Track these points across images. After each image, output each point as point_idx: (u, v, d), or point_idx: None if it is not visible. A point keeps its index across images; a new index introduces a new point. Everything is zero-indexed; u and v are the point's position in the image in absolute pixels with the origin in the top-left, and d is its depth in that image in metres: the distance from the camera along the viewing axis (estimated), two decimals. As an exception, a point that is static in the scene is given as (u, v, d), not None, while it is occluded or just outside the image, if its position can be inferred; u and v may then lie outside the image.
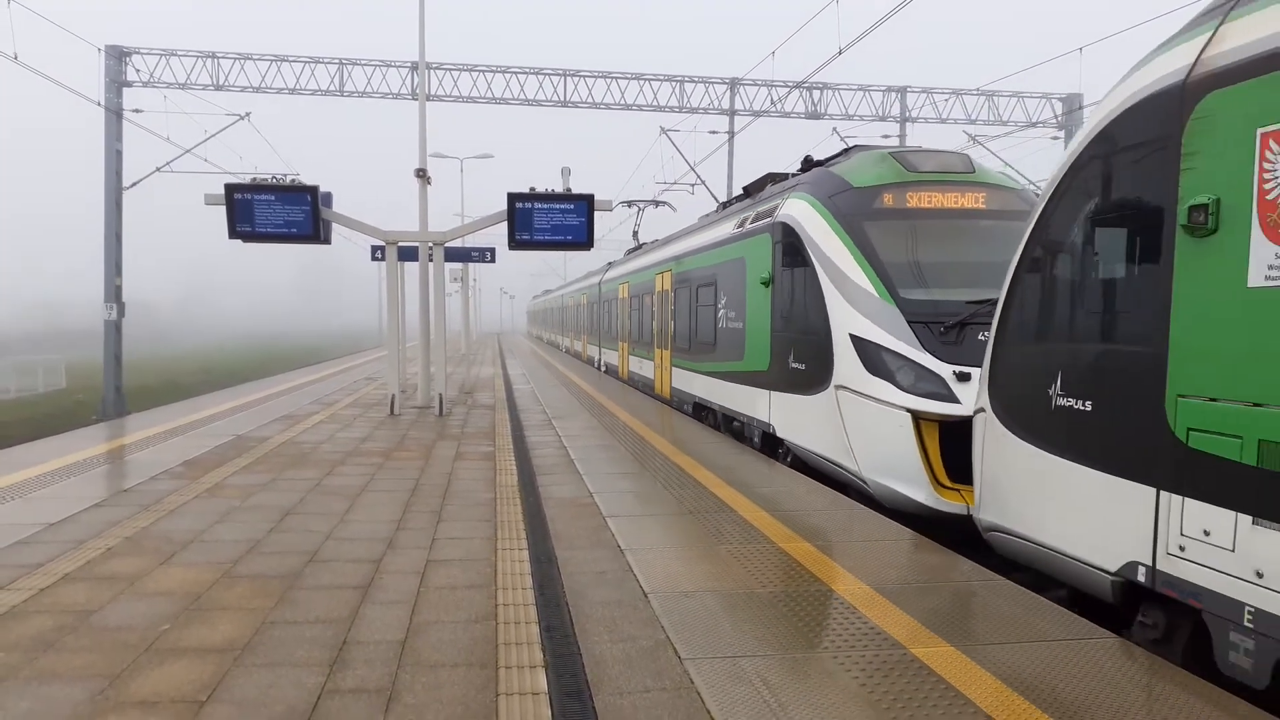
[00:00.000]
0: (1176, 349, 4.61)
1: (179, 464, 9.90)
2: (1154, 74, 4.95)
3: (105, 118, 25.25)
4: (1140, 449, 4.86)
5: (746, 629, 4.79)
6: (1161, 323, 4.69)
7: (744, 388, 12.90)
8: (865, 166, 10.60)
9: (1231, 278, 4.29)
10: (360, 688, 4.04)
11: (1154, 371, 4.74)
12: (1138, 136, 5.04)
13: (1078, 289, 5.67)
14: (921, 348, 8.77)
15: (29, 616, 4.93)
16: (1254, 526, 4.14)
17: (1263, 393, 4.08)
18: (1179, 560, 4.61)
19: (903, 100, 30.80)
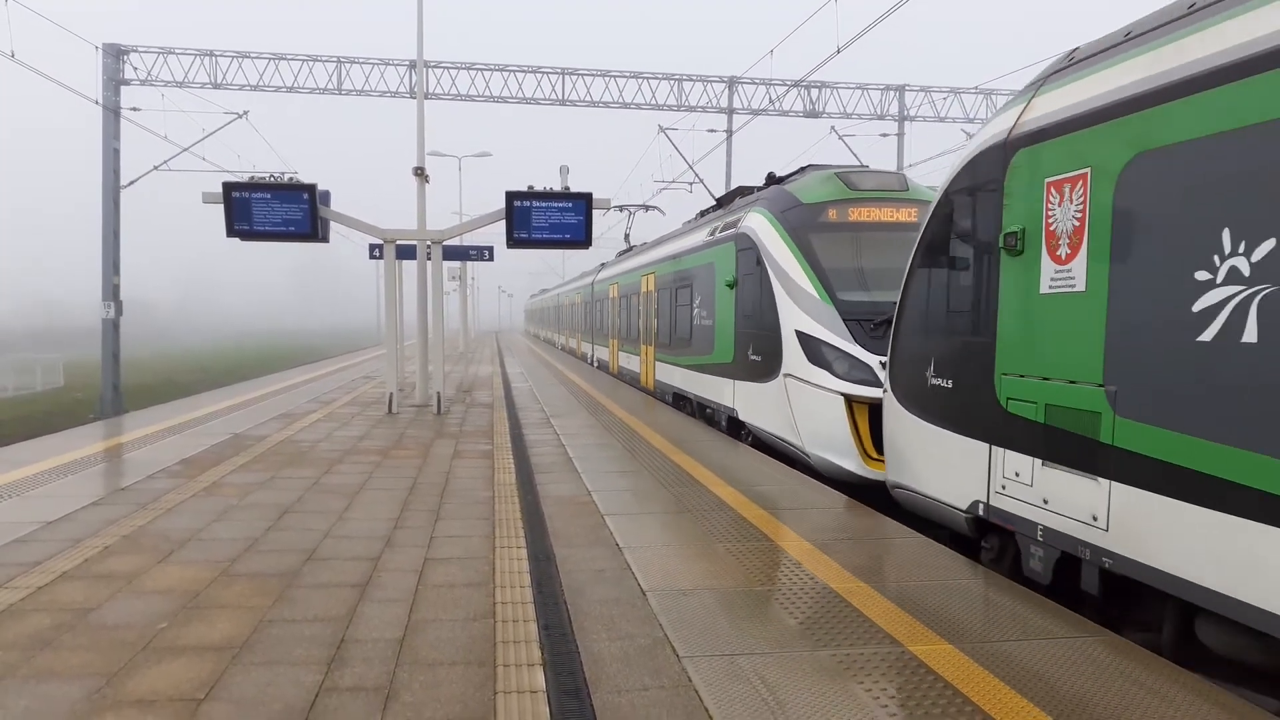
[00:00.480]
0: (1001, 339, 6.23)
1: (177, 462, 9.89)
2: (992, 130, 6.52)
3: (103, 116, 25.20)
4: (980, 415, 6.46)
5: (744, 627, 4.79)
6: (992, 320, 6.34)
7: (713, 378, 14.52)
8: (814, 185, 12.14)
9: (1031, 287, 5.91)
10: (358, 686, 4.03)
11: (988, 356, 6.35)
12: (981, 178, 6.55)
13: (943, 293, 7.17)
14: (854, 341, 10.29)
15: (27, 615, 4.93)
16: (1043, 467, 5.74)
17: (1049, 369, 5.70)
18: (1002, 496, 6.22)
19: (901, 99, 30.81)
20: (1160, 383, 4.82)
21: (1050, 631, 4.77)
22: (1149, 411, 4.88)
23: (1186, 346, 4.64)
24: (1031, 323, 5.92)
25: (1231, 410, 4.36)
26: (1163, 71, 4.91)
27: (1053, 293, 5.70)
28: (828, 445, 10.26)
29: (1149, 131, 4.98)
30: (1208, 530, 4.47)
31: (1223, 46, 4.56)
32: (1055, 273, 5.70)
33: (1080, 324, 5.46)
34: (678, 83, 30.04)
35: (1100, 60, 5.56)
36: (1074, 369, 5.48)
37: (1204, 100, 4.61)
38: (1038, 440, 5.78)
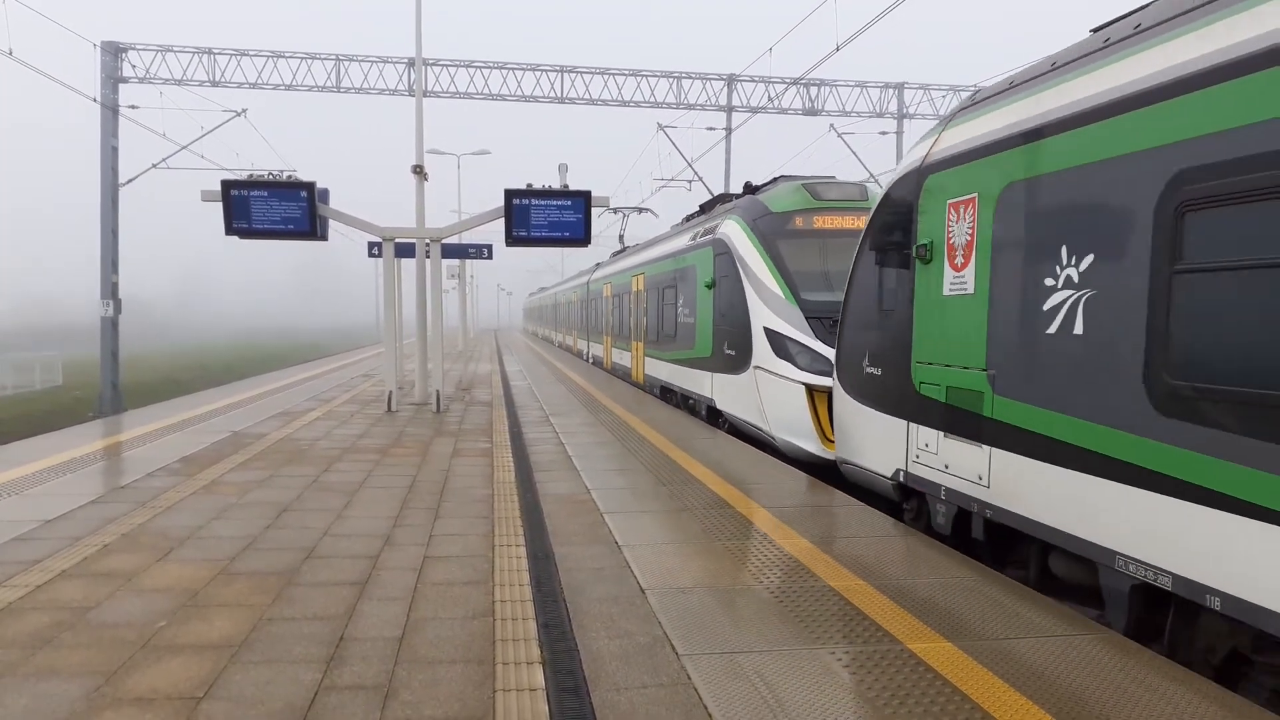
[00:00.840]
0: (915, 333, 7.43)
1: (176, 460, 9.89)
2: (912, 157, 7.78)
3: (101, 114, 25.19)
4: (900, 397, 7.66)
5: (743, 625, 4.80)
6: (909, 317, 7.54)
7: (695, 371, 15.87)
8: (783, 194, 13.39)
9: (937, 289, 7.11)
10: (357, 684, 4.04)
11: (906, 347, 7.54)
12: (902, 198, 7.76)
13: (875, 295, 8.35)
14: (815, 336, 11.50)
15: (26, 613, 4.93)
16: (945, 438, 6.94)
17: (949, 358, 6.90)
18: (916, 464, 7.42)
19: (900, 97, 30.81)
20: (1022, 367, 6.03)
21: (1047, 629, 4.78)
22: (1015, 390, 6.09)
23: (1040, 338, 5.84)
24: (936, 319, 7.19)
25: (1068, 387, 5.54)
26: (1023, 119, 6.13)
27: (951, 294, 6.97)
28: (791, 429, 11.54)
29: (1013, 166, 6.21)
30: (1055, 482, 5.66)
31: (1061, 103, 5.73)
32: (953, 278, 6.98)
33: (970, 320, 6.67)
34: (677, 80, 30.03)
35: (987, 105, 6.77)
36: (966, 357, 6.71)
37: (1047, 144, 5.84)
38: (941, 416, 7.04)
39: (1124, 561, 5.08)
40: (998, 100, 6.62)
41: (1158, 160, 4.87)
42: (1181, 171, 4.67)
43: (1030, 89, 6.21)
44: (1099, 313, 5.30)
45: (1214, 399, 4.45)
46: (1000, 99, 6.60)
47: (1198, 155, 4.58)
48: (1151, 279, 4.88)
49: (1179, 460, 4.66)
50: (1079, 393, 5.43)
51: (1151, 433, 4.85)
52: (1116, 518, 5.13)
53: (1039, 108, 5.99)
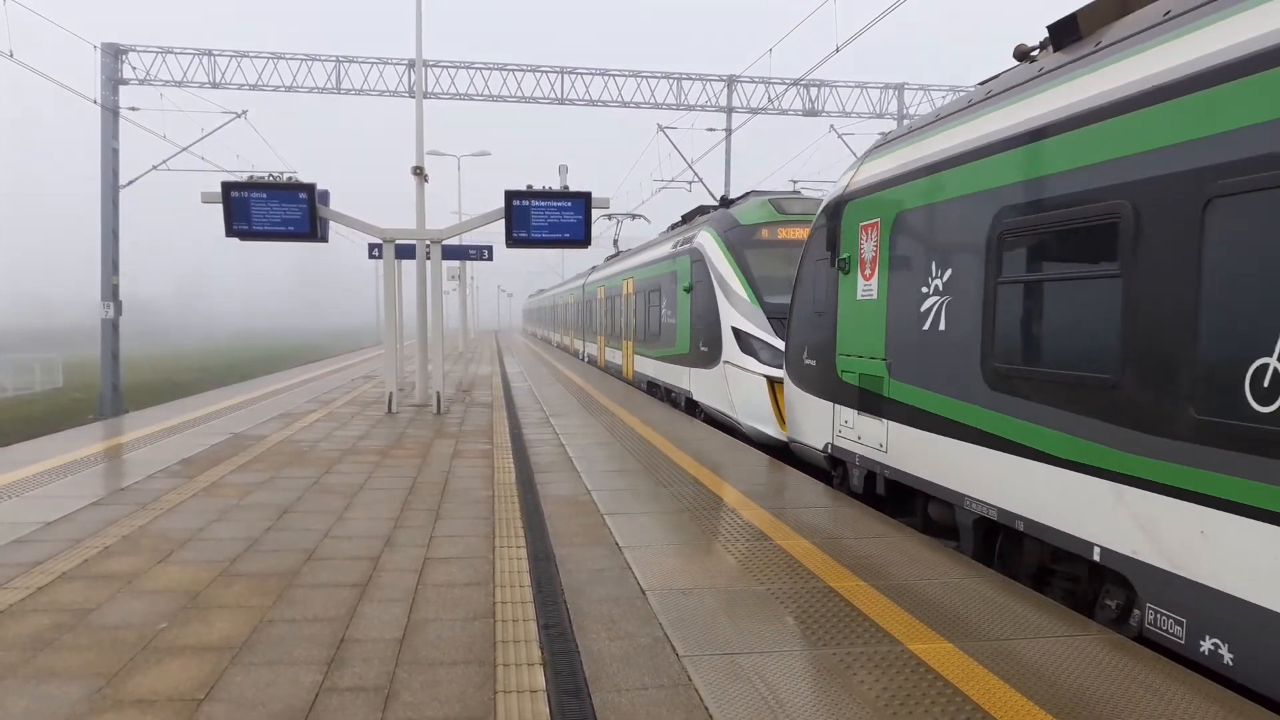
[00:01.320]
0: (839, 331, 9.07)
1: (176, 462, 9.89)
2: (837, 187, 9.51)
3: (101, 116, 25.20)
4: (829, 383, 9.29)
5: (744, 626, 4.80)
6: (834, 318, 9.18)
7: (675, 366, 17.67)
8: (751, 208, 15.08)
9: (853, 295, 8.75)
10: (358, 686, 4.04)
11: (833, 342, 9.20)
12: (830, 219, 9.42)
13: (810, 299, 9.98)
14: (775, 335, 12.91)
15: (26, 615, 4.93)
16: (858, 415, 8.60)
17: (861, 350, 8.53)
18: (839, 438, 9.09)
19: (900, 97, 30.81)
20: (908, 356, 7.63)
21: (1048, 629, 4.78)
22: (903, 375, 7.70)
23: (919, 333, 7.41)
24: (853, 319, 8.78)
25: (935, 371, 7.14)
26: (909, 162, 7.80)
27: (863, 299, 8.60)
28: (754, 416, 13.17)
29: (902, 198, 7.87)
30: (929, 446, 7.25)
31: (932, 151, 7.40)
32: (864, 286, 8.58)
33: (875, 320, 8.28)
34: (677, 81, 30.04)
35: (887, 148, 8.52)
36: (872, 349, 8.31)
37: (923, 183, 7.48)
38: (856, 398, 8.68)
39: (970, 502, 6.65)
40: (894, 144, 8.36)
41: (987, 200, 6.48)
42: (1001, 208, 6.28)
43: (915, 138, 7.89)
44: (954, 314, 6.92)
45: (1020, 377, 6.03)
46: (896, 143, 8.34)
47: (1009, 197, 6.22)
48: (984, 289, 6.46)
49: (1001, 423, 6.23)
50: (942, 375, 7.07)
51: (985, 403, 6.42)
52: (964, 469, 6.73)
53: (919, 153, 7.66)
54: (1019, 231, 6.11)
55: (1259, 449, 4.15)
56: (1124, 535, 5.09)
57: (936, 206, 7.27)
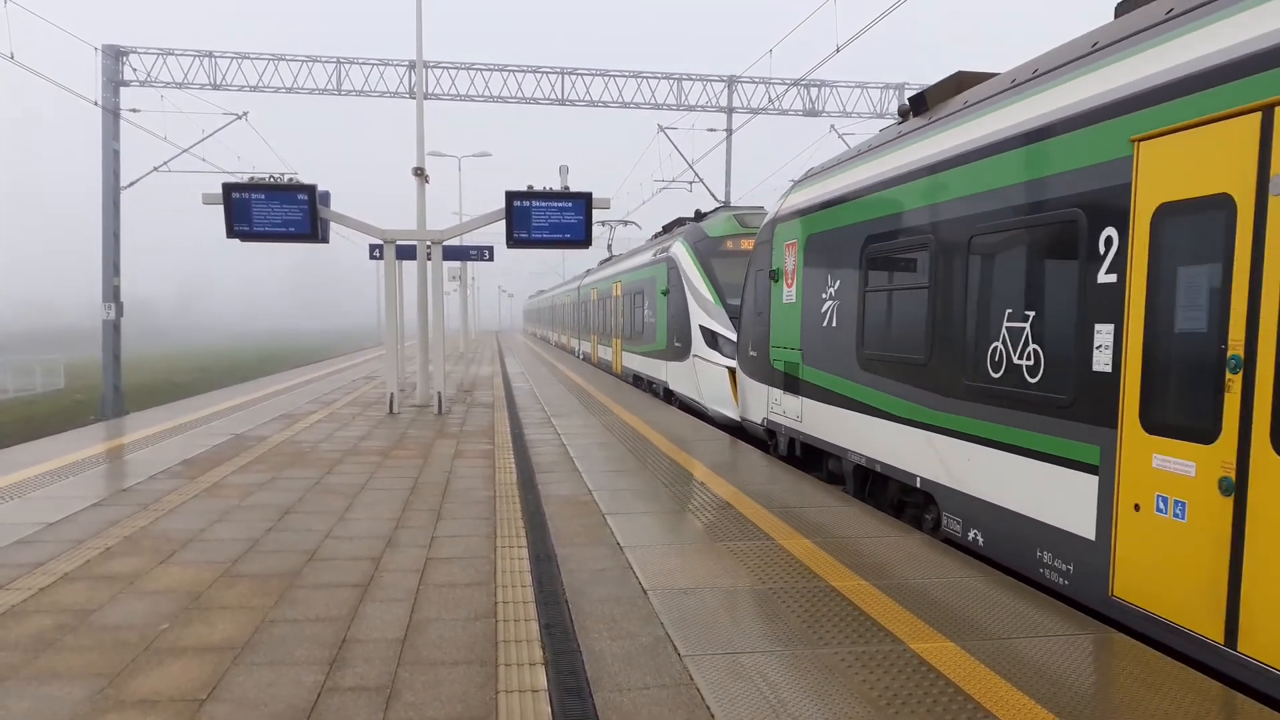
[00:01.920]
0: (772, 328, 10.99)
1: (178, 463, 9.90)
2: (774, 209, 11.43)
3: (102, 117, 25.20)
4: (765, 371, 11.29)
5: (746, 625, 4.80)
6: (769, 318, 11.04)
7: (655, 360, 20.09)
8: (718, 222, 17.39)
9: (781, 299, 10.63)
10: (360, 686, 4.04)
11: (768, 338, 11.15)
12: (767, 236, 11.41)
13: (754, 302, 12.03)
14: (736, 332, 14.09)
15: (28, 616, 4.93)
16: (783, 395, 10.52)
17: (786, 343, 10.44)
18: (771, 414, 11.10)
19: (900, 97, 30.76)
20: (814, 347, 9.75)
21: (1051, 628, 4.78)
22: (811, 361, 9.81)
23: (820, 329, 9.55)
24: (781, 319, 10.80)
25: (831, 358, 9.24)
26: (816, 196, 9.91)
27: (787, 303, 10.61)
28: (717, 400, 15.34)
29: (811, 225, 9.94)
30: (826, 415, 9.39)
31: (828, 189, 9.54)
32: (787, 293, 10.60)
33: (794, 319, 10.38)
34: (677, 82, 30.03)
35: (804, 183, 10.63)
36: (792, 342, 10.41)
37: (823, 214, 9.59)
38: (783, 381, 10.75)
39: (851, 454, 8.77)
40: (809, 181, 10.49)
41: (859, 230, 8.64)
42: (867, 236, 8.46)
43: (821, 177, 10.05)
44: (841, 314, 9.05)
45: (878, 360, 8.19)
46: (810, 180, 10.44)
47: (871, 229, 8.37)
48: (858, 296, 8.64)
49: (868, 394, 8.37)
50: (835, 360, 9.17)
51: (859, 380, 8.59)
52: (847, 431, 8.87)
53: (822, 190, 9.81)
54: (876, 255, 8.33)
55: (994, 401, 6.30)
56: (931, 467, 7.19)
57: (831, 232, 9.44)
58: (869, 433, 8.35)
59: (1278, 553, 4.09)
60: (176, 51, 27.10)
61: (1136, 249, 5.06)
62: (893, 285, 8.04)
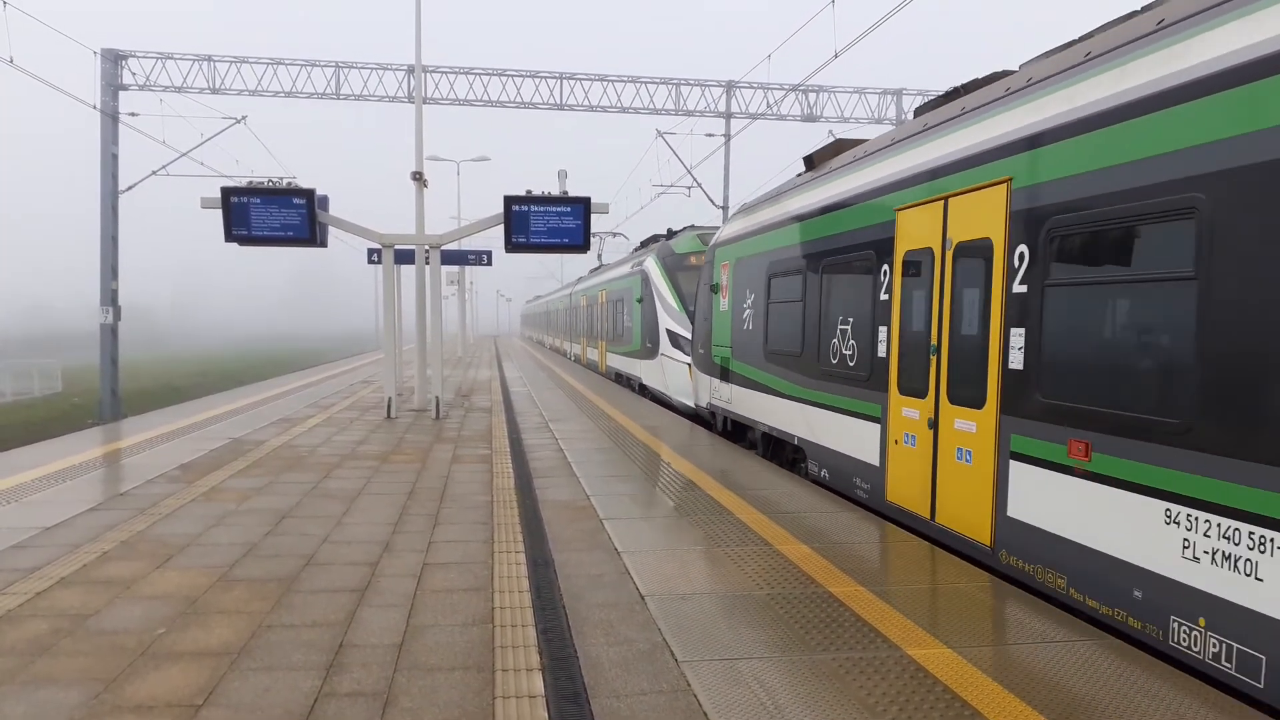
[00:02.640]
0: (714, 331, 13.74)
1: (175, 468, 9.89)
2: (714, 238, 14.63)
3: (101, 121, 25.21)
4: (709, 365, 14.01)
5: (743, 631, 4.80)
6: (711, 323, 13.87)
7: (632, 359, 23.17)
8: (684, 240, 20.32)
9: (719, 308, 13.52)
10: (357, 691, 4.03)
11: (710, 338, 14.01)
12: (710, 256, 14.24)
13: (703, 310, 14.59)
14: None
15: (24, 620, 4.92)
16: (719, 382, 13.49)
17: (721, 343, 13.35)
18: (712, 399, 14.00)
19: (898, 103, 30.84)
20: (740, 346, 12.22)
21: (1047, 635, 4.78)
22: (739, 356, 12.25)
23: (743, 331, 11.96)
24: (719, 324, 13.46)
25: (749, 353, 11.73)
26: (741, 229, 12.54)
27: (722, 311, 13.23)
28: (680, 391, 17.97)
29: (738, 251, 12.49)
30: (747, 398, 11.88)
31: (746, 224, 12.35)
32: (723, 304, 13.20)
33: (727, 324, 12.97)
34: (676, 88, 30.08)
35: (737, 216, 13.45)
36: (725, 342, 13.04)
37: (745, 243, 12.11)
38: (719, 373, 13.34)
39: (761, 425, 11.41)
40: (738, 214, 13.48)
41: (765, 257, 11.26)
42: (770, 263, 11.05)
43: (744, 213, 12.95)
44: (755, 320, 11.63)
45: (776, 354, 10.73)
46: (739, 214, 13.49)
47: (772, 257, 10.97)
48: (765, 307, 11.16)
49: (771, 380, 10.92)
50: (751, 355, 11.78)
51: (765, 370, 11.14)
52: (759, 408, 11.49)
53: (744, 224, 12.62)
54: (773, 275, 11.01)
55: (833, 380, 9.05)
56: (802, 429, 10.00)
57: (748, 257, 12.12)
58: (770, 408, 11.11)
59: (952, 463, 6.75)
60: (176, 56, 27.14)
61: (895, 278, 7.75)
62: (783, 299, 10.59)
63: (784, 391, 10.44)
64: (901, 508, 7.54)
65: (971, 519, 6.48)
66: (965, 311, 6.67)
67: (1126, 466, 4.94)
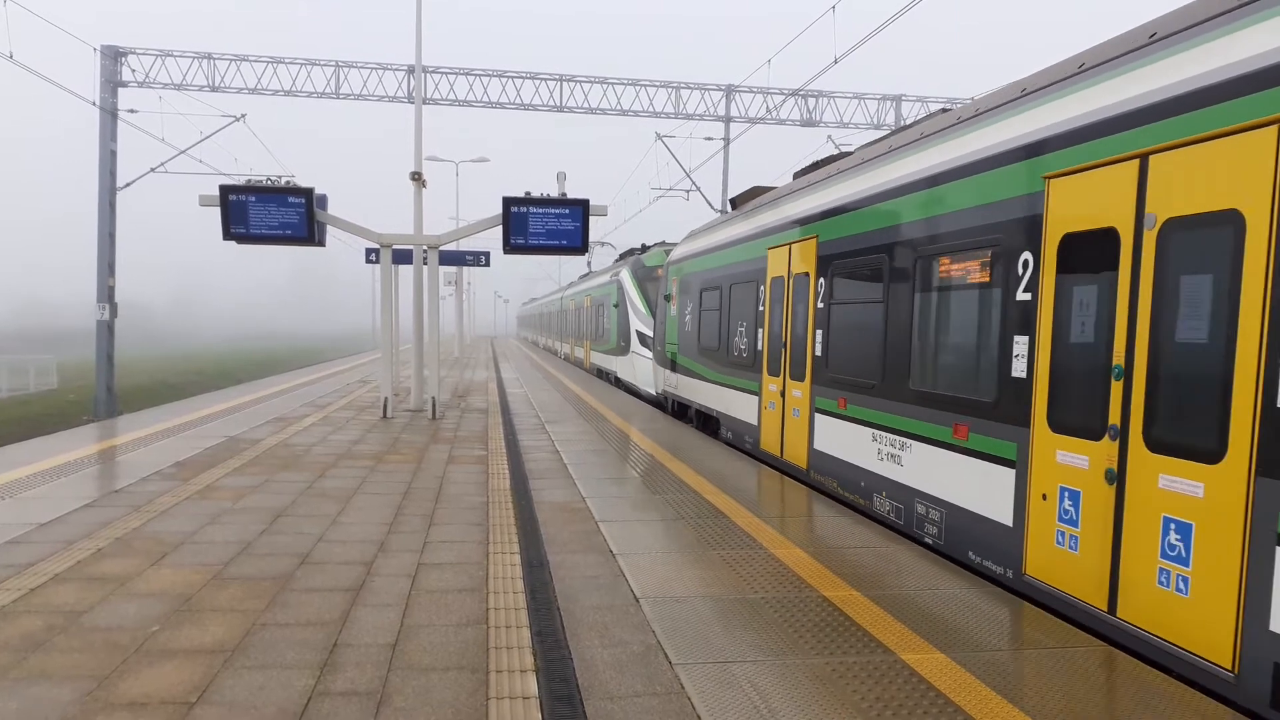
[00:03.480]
0: (666, 332, 17.91)
1: (170, 465, 9.88)
2: (669, 256, 18.29)
3: (100, 118, 25.18)
4: (663, 359, 18.26)
5: (737, 634, 4.80)
6: (665, 325, 18.07)
7: (610, 356, 27.16)
8: (653, 254, 24.09)
9: (670, 313, 17.48)
10: (350, 690, 4.03)
11: (665, 338, 18.07)
12: (665, 271, 18.47)
13: (661, 315, 18.55)
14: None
15: (18, 616, 4.92)
16: (669, 373, 17.50)
17: (671, 340, 17.27)
18: (665, 385, 18.14)
19: (897, 109, 30.90)
20: (684, 343, 15.98)
21: (1041, 641, 4.79)
22: (683, 351, 16.03)
23: (686, 331, 15.77)
24: (671, 325, 16.96)
25: (689, 349, 15.65)
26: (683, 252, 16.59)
27: (672, 316, 16.98)
28: (645, 382, 21.55)
29: (680, 269, 16.52)
30: (687, 384, 15.84)
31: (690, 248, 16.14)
32: (672, 309, 16.95)
33: (674, 326, 16.66)
34: (675, 91, 30.11)
35: (686, 241, 16.89)
36: (674, 340, 16.69)
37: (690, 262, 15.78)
38: (670, 364, 17.09)
39: (695, 405, 15.12)
40: (687, 240, 16.58)
41: (700, 274, 14.81)
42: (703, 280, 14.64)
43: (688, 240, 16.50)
44: (691, 323, 15.13)
45: (705, 348, 14.36)
46: (688, 240, 16.60)
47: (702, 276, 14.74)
48: (698, 312, 14.65)
49: (702, 369, 14.59)
50: (691, 350, 15.19)
51: (698, 362, 14.77)
52: (694, 391, 15.21)
53: (686, 249, 16.19)
54: (702, 289, 14.54)
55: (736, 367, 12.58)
56: (718, 404, 13.48)
57: (688, 275, 15.79)
58: (703, 391, 14.74)
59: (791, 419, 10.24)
60: (175, 53, 27.12)
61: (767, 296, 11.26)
62: (709, 308, 14.20)
63: (710, 378, 14.24)
64: (768, 452, 11.26)
65: (799, 452, 10.15)
66: (798, 319, 10.24)
67: (858, 411, 8.56)
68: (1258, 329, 4.15)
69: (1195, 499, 4.45)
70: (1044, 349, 5.67)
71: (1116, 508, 4.95)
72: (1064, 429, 5.46)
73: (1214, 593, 4.34)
